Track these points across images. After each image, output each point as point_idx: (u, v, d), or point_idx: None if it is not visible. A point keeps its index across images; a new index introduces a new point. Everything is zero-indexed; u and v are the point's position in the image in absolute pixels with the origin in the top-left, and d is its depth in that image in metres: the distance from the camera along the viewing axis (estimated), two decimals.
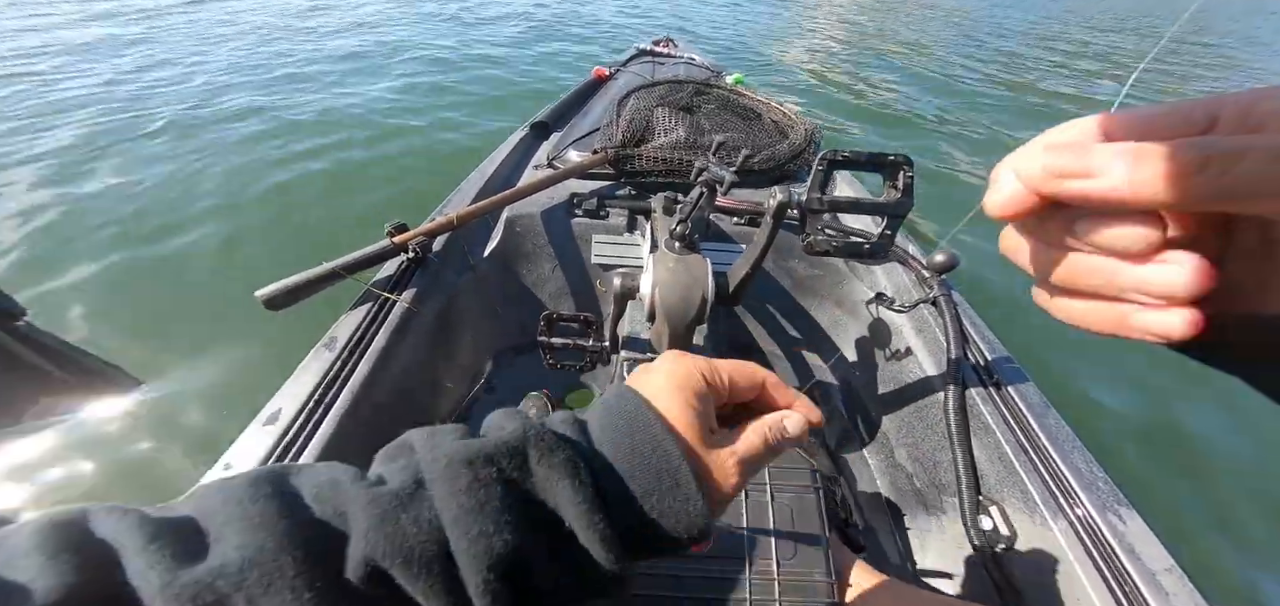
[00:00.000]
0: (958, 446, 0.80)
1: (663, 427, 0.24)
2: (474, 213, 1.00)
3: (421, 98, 3.53)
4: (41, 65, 3.77)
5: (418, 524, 0.20)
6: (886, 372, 1.05)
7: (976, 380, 0.84)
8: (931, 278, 0.98)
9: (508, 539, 0.20)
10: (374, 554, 0.19)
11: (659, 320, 0.70)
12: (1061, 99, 4.69)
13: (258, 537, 0.18)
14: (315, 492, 0.21)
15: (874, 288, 1.10)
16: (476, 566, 0.20)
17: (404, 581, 0.19)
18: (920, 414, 0.94)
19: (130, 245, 2.06)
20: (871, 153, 0.55)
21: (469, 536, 0.20)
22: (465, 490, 0.20)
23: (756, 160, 1.16)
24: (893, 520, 0.95)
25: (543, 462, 0.22)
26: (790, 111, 1.36)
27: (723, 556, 0.60)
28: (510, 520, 0.20)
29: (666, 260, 0.69)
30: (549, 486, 0.22)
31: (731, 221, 1.15)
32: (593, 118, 1.53)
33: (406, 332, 0.88)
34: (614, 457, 0.23)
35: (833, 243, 0.61)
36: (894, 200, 0.56)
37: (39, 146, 2.75)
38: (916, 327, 0.99)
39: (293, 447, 0.65)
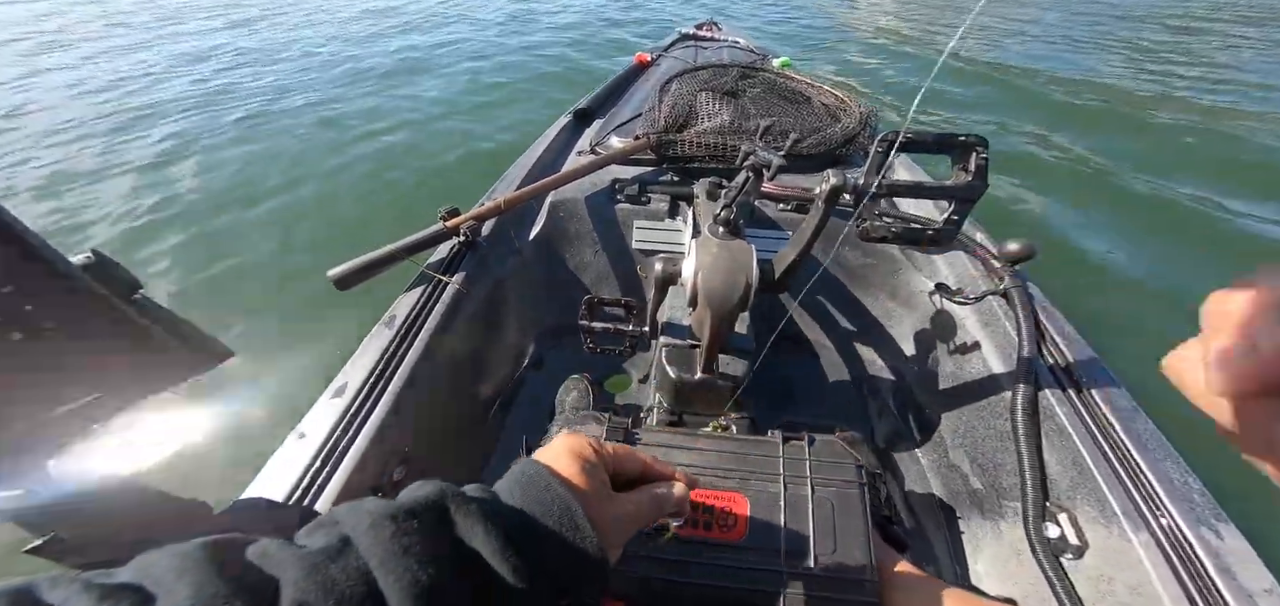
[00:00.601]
0: (1024, 448, 0.74)
1: (557, 481, 0.29)
2: (520, 197, 1.03)
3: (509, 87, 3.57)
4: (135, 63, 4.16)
5: (346, 571, 0.21)
6: (946, 368, 0.99)
7: (1052, 380, 0.78)
8: (1003, 267, 0.90)
9: (432, 573, 0.22)
10: (304, 598, 0.20)
11: (700, 306, 0.70)
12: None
13: (210, 588, 0.19)
14: (247, 558, 0.22)
15: (934, 278, 1.03)
16: (401, 598, 0.21)
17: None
18: (982, 413, 0.89)
19: (218, 224, 2.26)
20: (940, 134, 0.52)
21: (396, 574, 0.22)
22: (390, 538, 0.23)
23: (806, 144, 1.12)
24: (944, 521, 0.91)
25: (459, 512, 0.25)
26: (843, 94, 1.31)
27: (757, 548, 0.60)
28: (434, 558, 0.23)
29: (709, 245, 0.69)
30: (467, 530, 0.25)
31: (778, 208, 1.13)
32: (635, 104, 1.53)
33: (457, 313, 0.92)
34: (518, 502, 0.28)
35: (891, 229, 0.58)
36: (964, 183, 0.53)
37: (130, 138, 3.05)
38: (983, 321, 0.93)
39: (357, 417, 0.70)
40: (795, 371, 1.19)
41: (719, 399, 0.81)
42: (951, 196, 0.55)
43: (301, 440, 0.66)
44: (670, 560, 0.59)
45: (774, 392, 1.14)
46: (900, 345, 1.13)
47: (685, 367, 0.81)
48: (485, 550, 0.25)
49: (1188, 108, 3.37)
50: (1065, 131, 3.08)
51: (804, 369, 1.20)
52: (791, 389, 1.16)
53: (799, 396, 1.15)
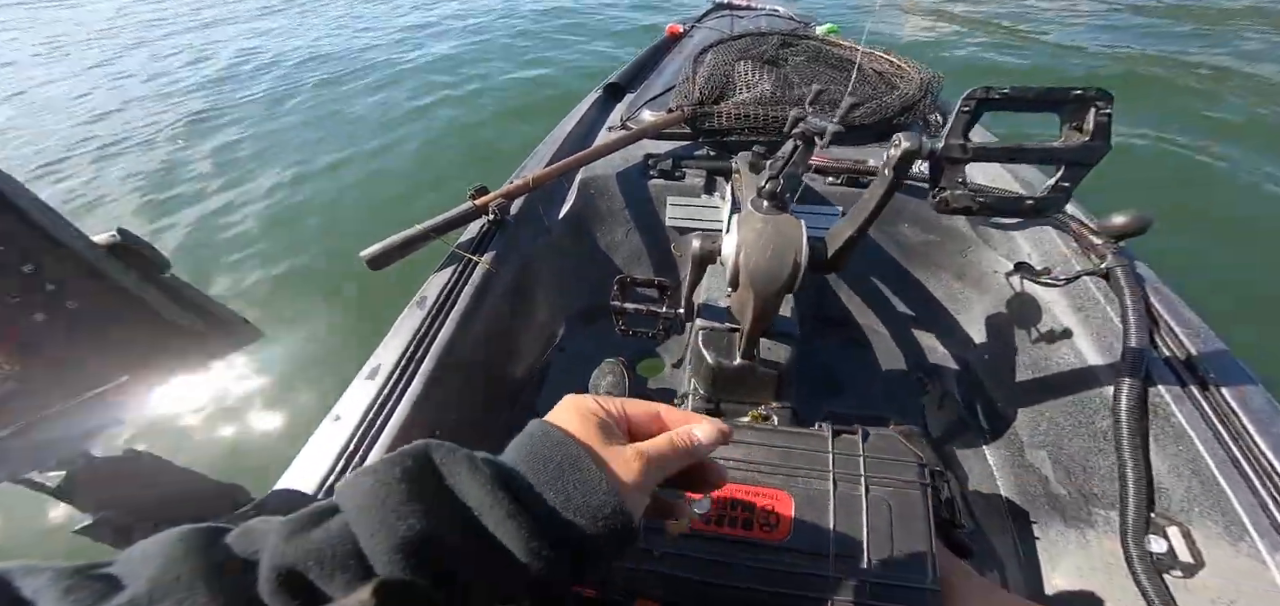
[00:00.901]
0: (1128, 450, 0.66)
1: (560, 431, 0.26)
2: (549, 174, 1.00)
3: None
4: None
5: (328, 531, 0.20)
6: (1025, 358, 0.90)
7: (1168, 374, 0.69)
8: (1104, 244, 0.79)
9: (413, 524, 0.20)
10: (284, 561, 0.19)
11: (742, 286, 0.65)
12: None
13: (170, 570, 0.19)
14: (235, 536, 0.22)
15: (1013, 256, 0.93)
16: (382, 549, 0.20)
17: (319, 581, 0.19)
18: (1071, 409, 0.80)
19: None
20: (1045, 89, 0.44)
21: (371, 526, 0.20)
22: (368, 490, 0.21)
23: (860, 112, 1.03)
24: (1014, 526, 0.84)
25: (445, 462, 0.23)
26: (899, 59, 1.20)
27: (802, 551, 0.56)
28: (416, 508, 0.21)
29: (753, 220, 0.64)
30: (452, 476, 0.23)
31: (826, 182, 1.05)
32: (667, 76, 1.47)
33: (487, 293, 0.91)
34: (516, 460, 0.25)
35: (977, 199, 0.51)
36: (1078, 145, 0.46)
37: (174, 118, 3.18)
38: (1075, 306, 0.82)
39: (391, 399, 0.70)
40: (840, 358, 1.12)
41: (760, 387, 0.77)
42: (1062, 159, 0.47)
43: (337, 422, 0.66)
44: (707, 560, 0.56)
45: (817, 380, 1.08)
46: (967, 331, 1.04)
47: (723, 352, 0.76)
48: (474, 498, 0.22)
49: None
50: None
51: (850, 355, 1.13)
52: (836, 377, 1.09)
53: (845, 385, 1.08)
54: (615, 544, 0.24)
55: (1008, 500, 0.87)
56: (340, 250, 1.99)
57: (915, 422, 0.96)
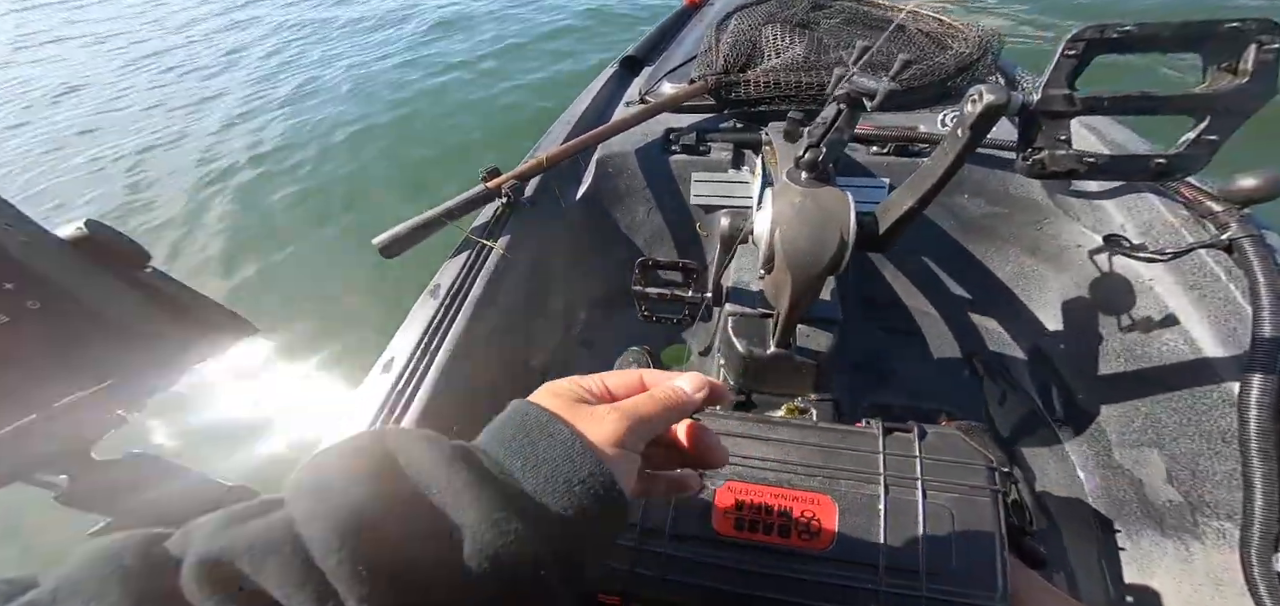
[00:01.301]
0: (1257, 454, 0.57)
1: (529, 403, 0.25)
2: (564, 152, 0.96)
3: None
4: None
5: (267, 520, 0.19)
6: (1116, 344, 0.80)
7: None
8: (1227, 211, 0.68)
9: (353, 501, 0.19)
10: (210, 551, 0.18)
11: (778, 267, 0.58)
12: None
13: (84, 570, 0.17)
14: (177, 536, 0.20)
15: (1101, 227, 0.82)
16: (320, 530, 0.18)
17: (249, 570, 0.17)
18: (1178, 404, 0.71)
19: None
20: (1183, 22, 0.36)
21: (311, 508, 0.18)
22: (315, 473, 0.20)
23: (910, 72, 0.92)
24: (1097, 533, 0.76)
25: (399, 442, 0.21)
26: (949, 18, 1.09)
27: (848, 563, 0.50)
28: (361, 486, 0.19)
29: (791, 193, 0.57)
30: (406, 453, 0.21)
31: (870, 151, 0.96)
32: (688, 46, 1.39)
33: (502, 280, 0.87)
34: (482, 439, 0.24)
35: (1085, 159, 0.42)
36: (1232, 89, 0.37)
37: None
38: (1186, 284, 0.72)
39: (406, 393, 0.67)
40: (888, 345, 1.04)
41: (797, 377, 0.71)
42: (1209, 108, 0.38)
43: (352, 419, 0.64)
44: (740, 571, 0.51)
45: (861, 371, 1.00)
46: (1040, 314, 0.94)
47: (756, 340, 0.70)
48: (427, 474, 0.20)
49: None
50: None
51: (898, 342, 1.04)
52: (883, 367, 1.01)
53: (892, 376, 1.00)
54: (599, 511, 0.22)
55: (1089, 505, 0.79)
56: (358, 233, 1.99)
57: (975, 417, 0.88)
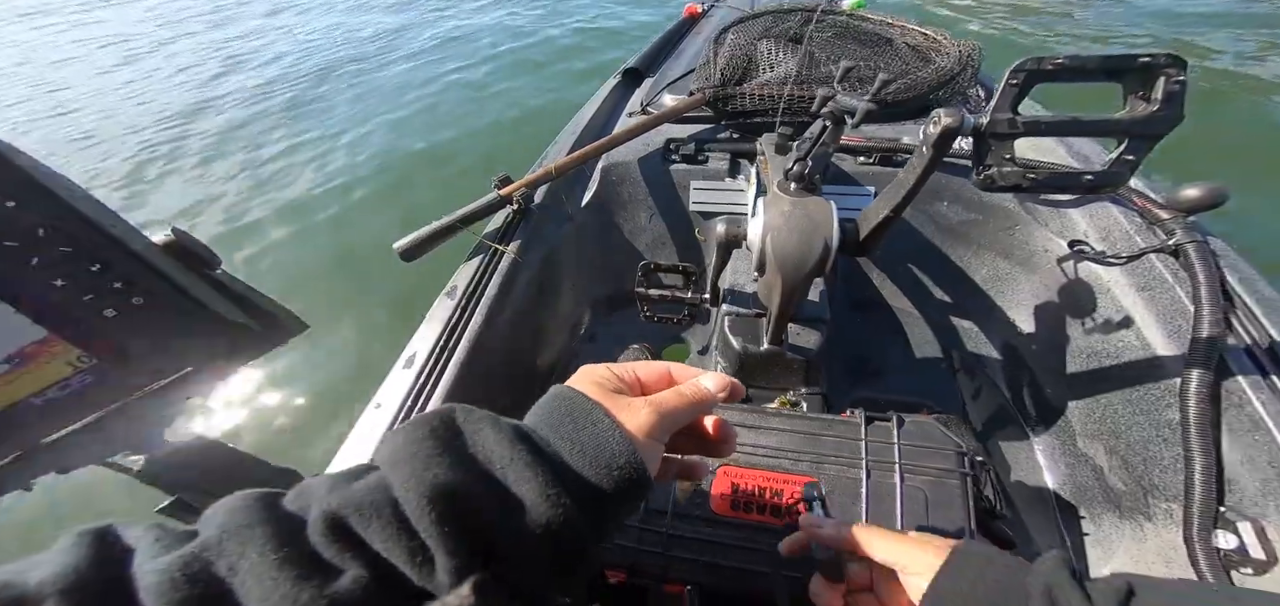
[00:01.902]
0: (1196, 440, 0.62)
1: (574, 390, 0.28)
2: (571, 162, 1.00)
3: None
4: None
5: (366, 484, 0.22)
6: (1079, 342, 0.86)
7: (1246, 360, 0.64)
8: (1173, 219, 0.75)
9: (438, 474, 0.22)
10: (329, 508, 0.21)
11: (769, 270, 0.64)
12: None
13: (236, 518, 0.21)
14: (291, 495, 0.24)
15: (1067, 234, 0.88)
16: (412, 496, 0.21)
17: (359, 527, 0.21)
18: (1132, 396, 0.76)
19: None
20: (1105, 56, 0.42)
21: (403, 477, 0.22)
22: (399, 447, 0.23)
23: (894, 88, 0.99)
24: (1061, 519, 0.81)
25: (467, 420, 0.25)
26: (934, 32, 1.15)
27: None
28: (441, 459, 0.23)
29: (780, 203, 0.63)
30: (473, 433, 0.25)
31: (857, 161, 1.02)
32: (687, 59, 1.45)
33: (514, 282, 0.92)
34: (534, 421, 0.27)
35: (1028, 175, 0.49)
36: (1145, 115, 0.43)
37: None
38: (1139, 285, 0.78)
39: (426, 387, 0.72)
40: (874, 343, 1.10)
41: (789, 372, 0.76)
42: (1126, 132, 0.44)
43: (378, 410, 0.68)
44: (734, 546, 0.56)
45: (848, 366, 1.06)
46: (1013, 314, 1.00)
47: (751, 338, 0.76)
48: (494, 452, 0.24)
49: None
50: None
51: (884, 340, 1.10)
52: (869, 363, 1.07)
53: (878, 371, 1.06)
54: (629, 491, 0.25)
55: (1055, 492, 0.84)
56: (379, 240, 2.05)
57: (954, 410, 0.93)
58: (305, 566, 0.20)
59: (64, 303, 0.32)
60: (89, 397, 0.39)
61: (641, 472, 0.26)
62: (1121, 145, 0.45)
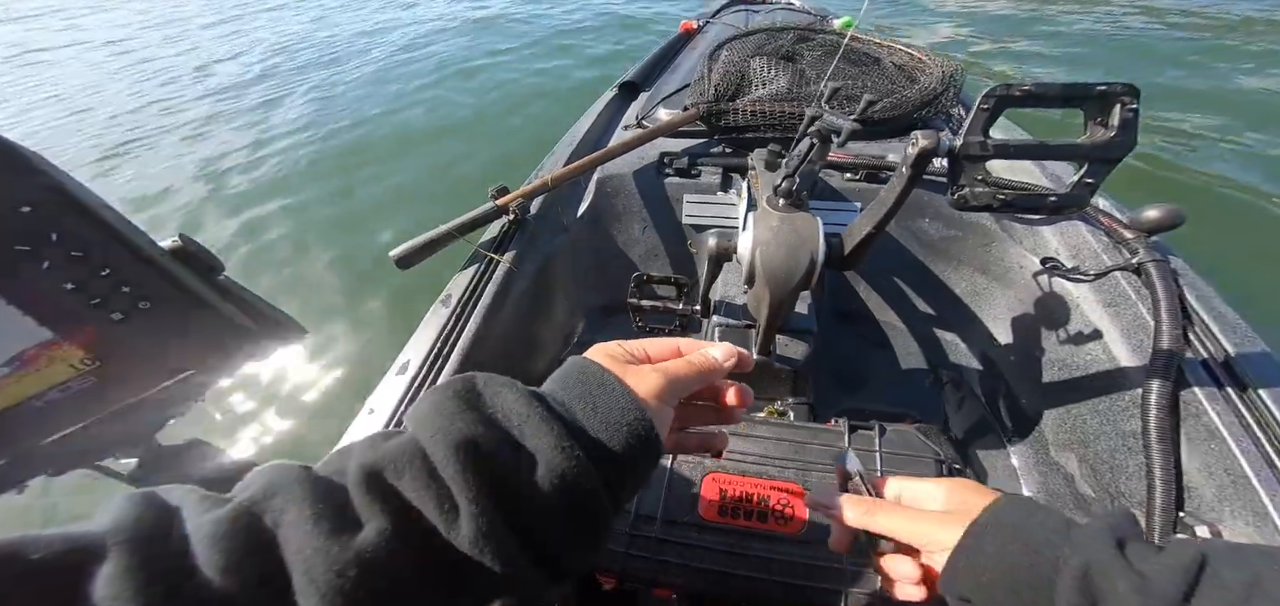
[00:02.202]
0: (1156, 449, 0.65)
1: (584, 358, 0.30)
2: (567, 174, 1.02)
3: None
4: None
5: (398, 441, 0.24)
6: (1052, 355, 0.89)
7: (1203, 373, 0.67)
8: (1136, 238, 0.78)
9: (461, 427, 0.24)
10: (364, 462, 0.23)
11: (759, 283, 0.66)
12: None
13: (278, 478, 0.23)
14: (323, 463, 0.26)
15: (1040, 252, 0.92)
16: (440, 447, 0.23)
17: (392, 479, 0.23)
18: (1099, 407, 0.79)
19: None
20: (1067, 84, 0.45)
21: (431, 430, 0.24)
22: (429, 406, 0.25)
23: (879, 107, 1.02)
24: None
25: (488, 385, 0.27)
26: (919, 52, 1.19)
27: (817, 544, 0.57)
28: (465, 416, 0.24)
29: (769, 218, 0.65)
30: (494, 395, 0.27)
31: (844, 177, 1.05)
32: (682, 74, 1.48)
33: (509, 291, 0.93)
34: (550, 385, 0.29)
35: (998, 196, 0.51)
36: (1102, 141, 0.46)
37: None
38: (1106, 302, 0.81)
39: (419, 393, 0.73)
40: (859, 354, 1.13)
41: (777, 382, 0.78)
42: (1085, 156, 0.47)
43: (371, 415, 0.69)
44: (723, 551, 0.57)
45: (836, 377, 1.08)
46: (991, 328, 1.03)
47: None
48: (513, 411, 0.26)
49: None
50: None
51: (869, 352, 1.13)
52: (855, 373, 1.10)
53: (864, 382, 1.08)
54: (639, 449, 0.27)
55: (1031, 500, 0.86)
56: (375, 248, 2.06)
57: (936, 420, 0.96)
58: (338, 521, 0.22)
59: (72, 307, 0.33)
60: (89, 400, 0.39)
61: (650, 431, 0.27)
62: (1083, 169, 0.48)
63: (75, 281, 0.31)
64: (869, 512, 0.35)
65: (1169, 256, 0.77)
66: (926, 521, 0.33)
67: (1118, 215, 0.83)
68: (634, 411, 0.27)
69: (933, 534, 0.32)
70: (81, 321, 0.34)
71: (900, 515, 0.34)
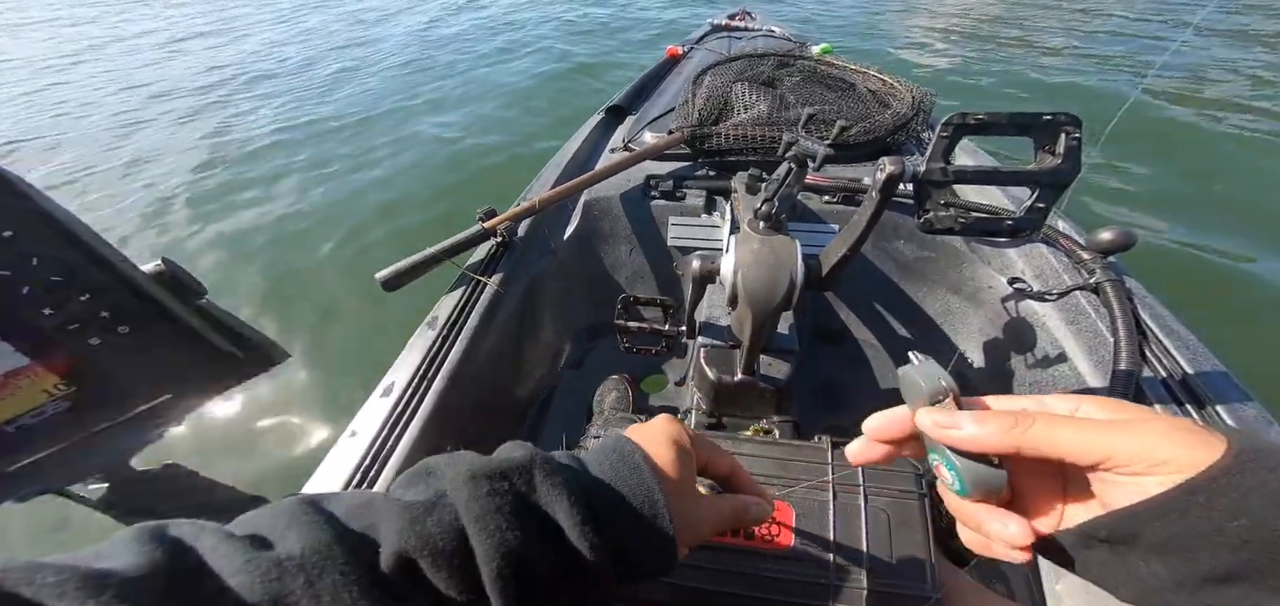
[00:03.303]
0: None
1: (648, 466, 0.29)
2: (554, 197, 1.03)
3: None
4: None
5: (440, 525, 0.24)
6: (1021, 371, 0.91)
7: (1161, 388, 0.69)
8: (1092, 259, 0.82)
9: (518, 535, 0.24)
10: (406, 548, 0.23)
11: (741, 305, 0.67)
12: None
13: (313, 536, 0.22)
14: (347, 512, 0.25)
15: (1007, 272, 0.95)
16: (491, 557, 0.23)
17: (429, 570, 0.23)
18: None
19: None
20: (1016, 113, 0.47)
21: (486, 531, 0.23)
22: (484, 497, 0.24)
23: (853, 132, 1.06)
24: None
25: (546, 482, 0.26)
26: (891, 79, 1.24)
27: (803, 560, 0.57)
28: (519, 522, 0.24)
29: (750, 241, 0.66)
30: (550, 500, 0.26)
31: (822, 200, 1.08)
32: (667, 98, 1.52)
33: (495, 314, 0.94)
34: (605, 483, 0.28)
35: (960, 220, 0.54)
36: (1050, 168, 0.49)
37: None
38: (1068, 320, 0.84)
39: (404, 416, 0.72)
40: (842, 372, 1.14)
41: (761, 402, 0.79)
42: (1035, 182, 0.50)
43: (353, 438, 0.68)
44: (710, 569, 0.57)
45: (818, 394, 1.10)
46: (964, 345, 1.06)
47: (725, 369, 0.78)
48: (566, 522, 0.25)
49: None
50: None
51: (852, 370, 1.15)
52: (838, 391, 1.11)
53: (846, 399, 1.10)
54: (653, 572, 0.28)
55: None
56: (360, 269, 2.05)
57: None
58: (380, 596, 0.22)
59: (50, 332, 0.32)
60: (63, 425, 0.39)
61: (673, 563, 0.29)
62: (1035, 194, 0.51)
63: (55, 307, 0.31)
64: (1020, 423, 0.24)
65: (1124, 276, 0.81)
66: (1124, 432, 0.22)
67: (1076, 237, 0.87)
68: (669, 550, 0.28)
69: (1144, 445, 0.21)
70: (59, 347, 0.33)
71: (1076, 424, 0.23)
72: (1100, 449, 0.22)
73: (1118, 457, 0.22)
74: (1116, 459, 0.22)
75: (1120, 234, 0.79)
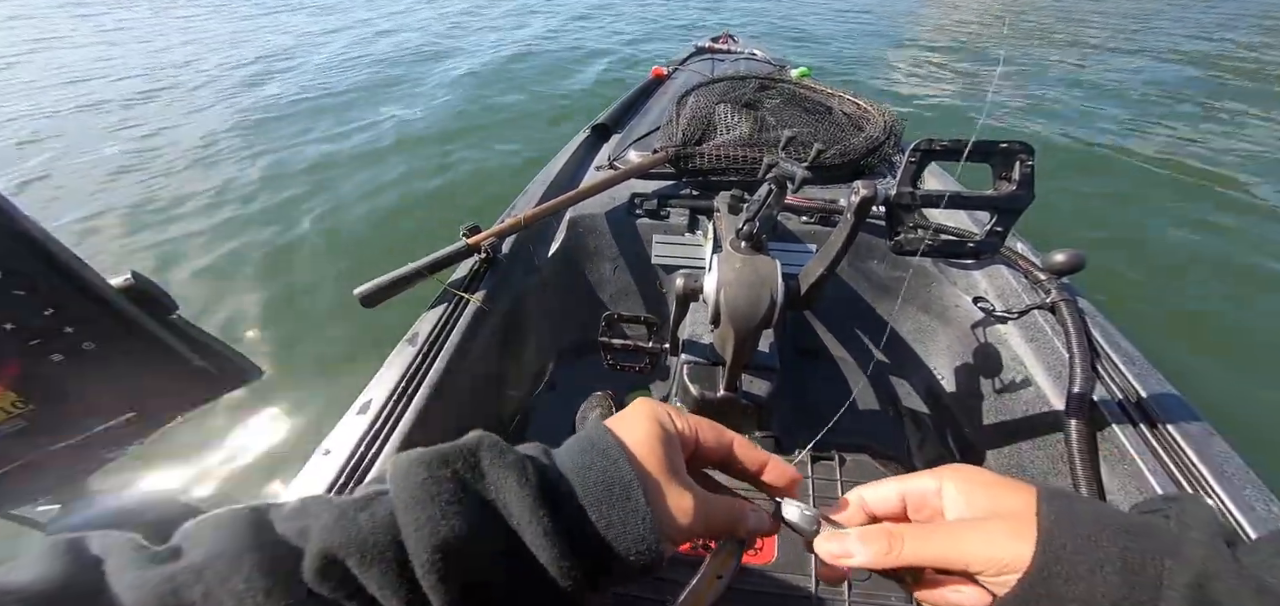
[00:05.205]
0: (1082, 479, 0.69)
1: (618, 448, 0.25)
2: (539, 214, 1.03)
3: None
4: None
5: (373, 518, 0.21)
6: (986, 386, 0.95)
7: (1112, 401, 0.73)
8: (1048, 279, 0.86)
9: (454, 525, 0.21)
10: (329, 546, 0.20)
11: (723, 323, 0.68)
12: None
13: (222, 543, 0.20)
14: (283, 514, 0.23)
15: (971, 291, 1.00)
16: (421, 549, 0.20)
17: (358, 570, 0.20)
18: (1028, 431, 0.84)
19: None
20: (978, 141, 0.50)
21: (417, 521, 0.21)
22: (419, 484, 0.22)
23: (829, 154, 1.10)
24: None
25: (494, 465, 0.23)
26: (865, 103, 1.29)
27: (787, 571, 0.58)
28: (458, 510, 0.21)
29: (732, 260, 0.68)
30: (497, 484, 0.23)
31: (800, 220, 1.11)
32: (652, 117, 1.54)
33: (478, 331, 0.93)
34: (567, 469, 0.24)
35: (927, 242, 0.56)
36: (1007, 193, 0.51)
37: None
38: (1027, 337, 0.88)
39: (381, 434, 0.70)
40: (821, 389, 1.16)
41: (743, 418, 0.79)
42: (994, 207, 0.52)
43: (326, 456, 0.66)
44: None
45: (799, 411, 1.11)
46: (935, 361, 1.09)
47: (707, 386, 0.79)
48: (516, 507, 0.22)
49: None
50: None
51: (830, 386, 1.17)
52: (817, 407, 1.13)
53: (825, 415, 1.11)
54: (639, 574, 0.24)
55: None
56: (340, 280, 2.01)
57: (893, 450, 0.99)
58: (294, 603, 0.20)
59: (9, 347, 0.31)
60: (16, 445, 0.37)
61: (659, 562, 0.24)
62: (994, 218, 0.54)
63: (15, 321, 0.30)
64: (893, 547, 0.26)
65: (1077, 296, 0.85)
66: (974, 537, 0.24)
67: (1032, 258, 0.92)
68: (650, 543, 0.23)
69: (990, 551, 0.23)
70: (16, 363, 0.32)
71: (938, 537, 0.25)
72: (962, 557, 0.24)
73: (974, 565, 0.24)
74: (973, 566, 0.24)
75: (1072, 255, 0.84)
